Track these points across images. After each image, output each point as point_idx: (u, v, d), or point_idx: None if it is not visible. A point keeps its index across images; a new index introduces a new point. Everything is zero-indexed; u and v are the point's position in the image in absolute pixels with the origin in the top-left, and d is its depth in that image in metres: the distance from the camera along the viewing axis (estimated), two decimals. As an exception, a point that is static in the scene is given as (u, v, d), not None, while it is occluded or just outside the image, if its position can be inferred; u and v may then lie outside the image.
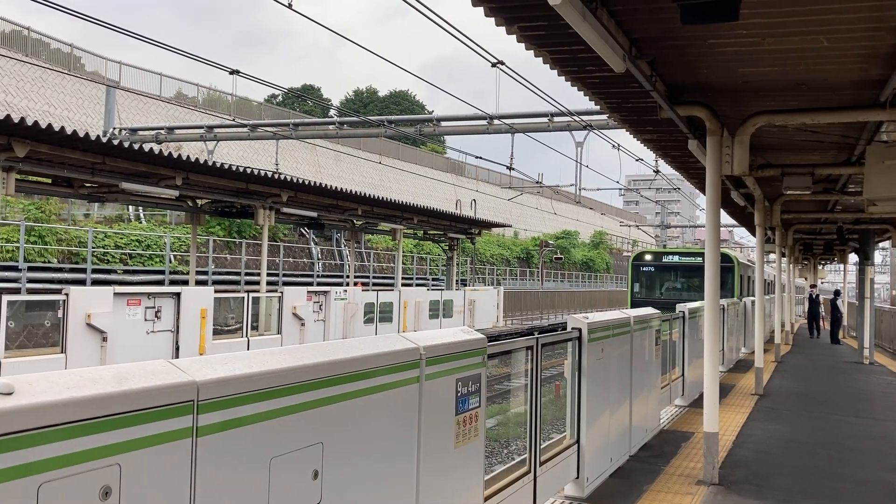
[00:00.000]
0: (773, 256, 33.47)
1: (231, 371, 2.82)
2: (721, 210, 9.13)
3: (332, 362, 3.39)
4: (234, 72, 16.88)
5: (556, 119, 21.73)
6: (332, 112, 57.72)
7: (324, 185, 21.98)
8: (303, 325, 21.11)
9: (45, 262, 24.82)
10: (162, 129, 32.61)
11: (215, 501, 2.73)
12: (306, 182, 21.60)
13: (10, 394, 2.10)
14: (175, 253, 29.28)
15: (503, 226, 37.47)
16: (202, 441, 2.65)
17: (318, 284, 33.58)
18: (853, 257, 33.42)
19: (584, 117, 20.55)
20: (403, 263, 41.22)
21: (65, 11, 11.68)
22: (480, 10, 5.77)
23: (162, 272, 27.99)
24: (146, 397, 2.44)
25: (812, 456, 9.17)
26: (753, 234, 18.37)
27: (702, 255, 12.04)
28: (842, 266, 37.83)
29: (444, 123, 26.00)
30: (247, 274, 31.37)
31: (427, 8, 9.28)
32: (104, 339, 14.89)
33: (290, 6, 9.48)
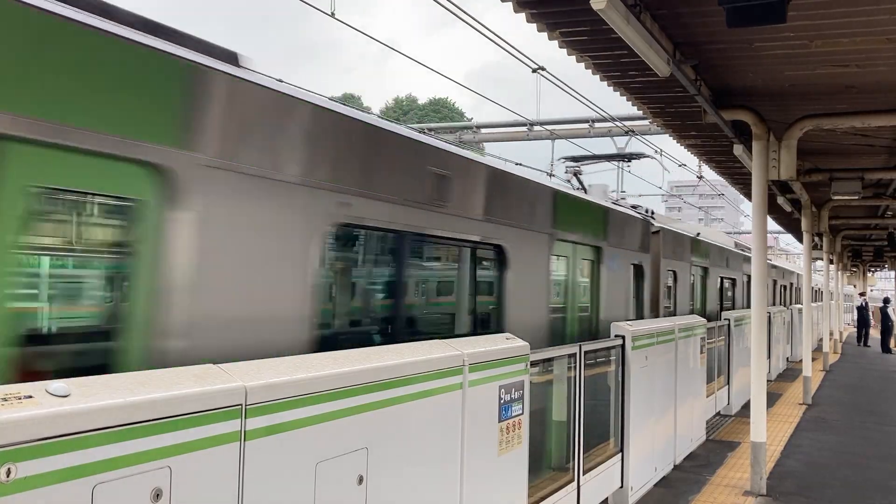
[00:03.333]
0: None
1: (278, 376, 2.85)
2: (767, 216, 8.96)
3: (377, 368, 3.40)
4: (277, 81, 17.12)
5: (596, 125, 21.55)
6: (372, 120, 58.05)
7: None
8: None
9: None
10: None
11: None
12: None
13: (66, 396, 2.15)
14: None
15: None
16: (250, 445, 2.68)
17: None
18: (905, 264, 32.56)
19: (626, 122, 20.34)
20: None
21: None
22: (522, 16, 5.76)
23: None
24: (197, 401, 2.47)
25: (863, 468, 8.93)
26: (800, 240, 18.04)
27: None
28: (893, 273, 36.85)
29: (483, 130, 25.98)
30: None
31: (467, 14, 9.29)
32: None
33: (332, 15, 9.59)
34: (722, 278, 15.72)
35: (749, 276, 16.31)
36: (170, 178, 3.31)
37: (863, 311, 32.24)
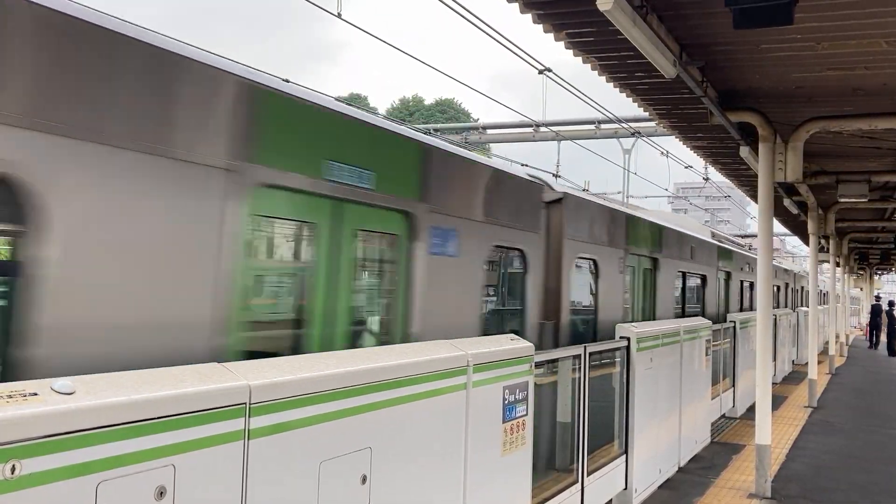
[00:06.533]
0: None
1: (282, 375, 2.86)
2: (773, 218, 8.94)
3: (381, 368, 3.40)
4: (284, 81, 17.11)
5: (602, 126, 21.52)
6: (378, 120, 57.94)
7: None
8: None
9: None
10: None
11: None
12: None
13: (71, 394, 2.15)
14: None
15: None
16: (254, 444, 2.68)
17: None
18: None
19: (632, 124, 20.31)
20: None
21: (131, 24, 11.92)
22: (529, 17, 5.76)
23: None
24: (201, 399, 2.48)
25: (869, 471, 8.90)
26: (807, 242, 17.99)
27: None
28: (900, 276, 36.67)
29: (490, 131, 25.96)
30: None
31: (473, 15, 9.29)
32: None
33: (338, 15, 9.62)
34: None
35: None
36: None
37: (875, 314, 32.08)
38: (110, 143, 2.82)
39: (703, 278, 12.73)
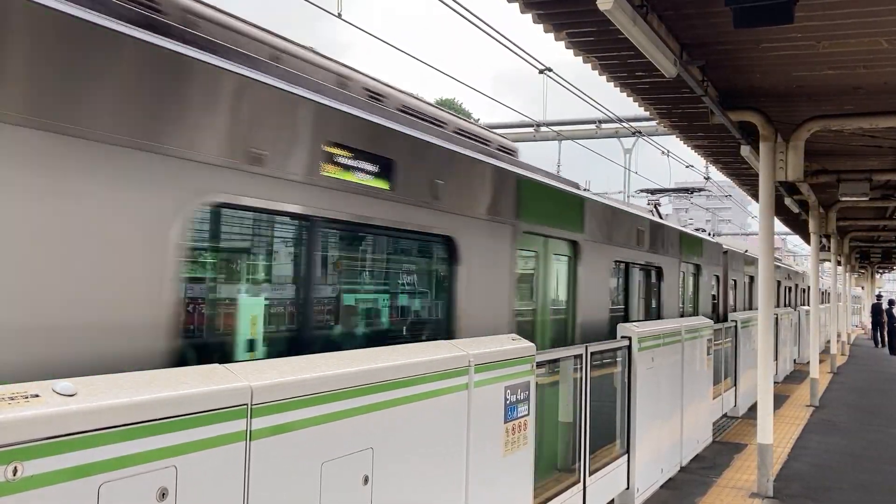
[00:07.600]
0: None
1: (283, 376, 2.86)
2: (774, 218, 8.93)
3: (383, 368, 3.40)
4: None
5: (603, 126, 21.50)
6: (379, 121, 57.94)
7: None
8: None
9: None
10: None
11: None
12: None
13: (72, 395, 2.15)
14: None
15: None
16: (255, 444, 2.68)
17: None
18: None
19: (633, 124, 20.28)
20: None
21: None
22: (529, 16, 5.76)
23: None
24: (203, 400, 2.48)
25: (871, 470, 8.89)
26: (808, 241, 17.99)
27: None
28: (901, 275, 36.66)
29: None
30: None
31: (474, 15, 9.29)
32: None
33: (339, 16, 9.62)
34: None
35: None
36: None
37: (876, 312, 32.06)
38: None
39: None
